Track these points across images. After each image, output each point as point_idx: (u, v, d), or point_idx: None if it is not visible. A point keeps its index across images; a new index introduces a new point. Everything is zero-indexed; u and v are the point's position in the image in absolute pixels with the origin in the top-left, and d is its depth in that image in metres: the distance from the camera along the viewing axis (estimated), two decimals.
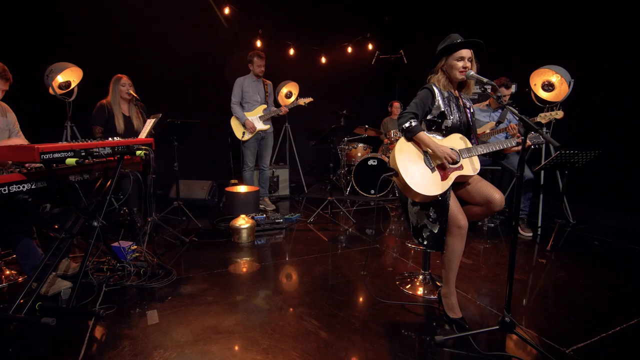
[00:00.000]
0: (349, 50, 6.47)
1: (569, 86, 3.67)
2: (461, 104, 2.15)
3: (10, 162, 1.94)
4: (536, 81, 3.95)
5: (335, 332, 1.96)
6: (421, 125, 2.10)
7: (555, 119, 3.09)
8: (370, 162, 5.18)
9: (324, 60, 6.38)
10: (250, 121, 4.32)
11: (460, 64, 2.03)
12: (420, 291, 2.41)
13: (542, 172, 3.83)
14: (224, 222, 3.97)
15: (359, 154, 5.65)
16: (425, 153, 2.03)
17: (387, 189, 5.23)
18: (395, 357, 1.75)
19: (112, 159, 2.37)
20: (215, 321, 2.03)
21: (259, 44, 5.65)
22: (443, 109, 2.08)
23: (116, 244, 2.77)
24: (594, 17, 4.36)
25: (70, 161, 1.91)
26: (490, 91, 2.99)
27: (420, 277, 2.52)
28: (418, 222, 2.12)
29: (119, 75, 3.55)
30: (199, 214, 4.21)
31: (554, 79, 3.81)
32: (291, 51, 6.07)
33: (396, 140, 5.29)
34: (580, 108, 4.13)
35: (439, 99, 2.08)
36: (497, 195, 1.98)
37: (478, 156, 2.08)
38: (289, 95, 5.67)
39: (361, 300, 2.34)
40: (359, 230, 3.79)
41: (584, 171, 3.53)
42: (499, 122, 3.45)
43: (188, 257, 3.01)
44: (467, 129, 2.16)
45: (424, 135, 1.99)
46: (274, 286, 2.52)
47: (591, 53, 4.36)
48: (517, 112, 1.73)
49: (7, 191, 1.78)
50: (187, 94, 5.51)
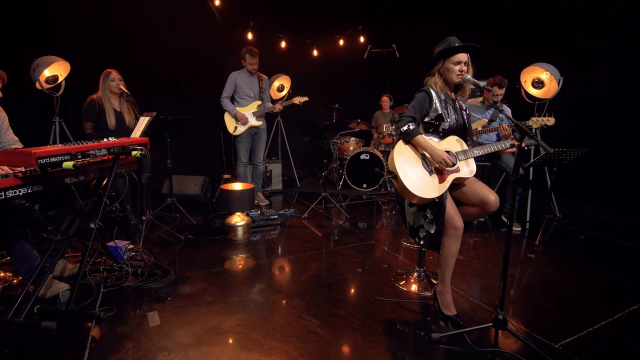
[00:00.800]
0: (341, 43, 6.43)
1: (558, 84, 3.75)
2: (457, 106, 2.19)
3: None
4: (526, 78, 4.02)
5: (335, 330, 2.01)
6: (419, 127, 2.14)
7: (547, 125, 3.16)
8: (363, 157, 5.21)
9: (315, 53, 6.33)
10: (241, 113, 4.29)
11: (457, 67, 2.06)
12: (415, 288, 2.48)
13: (531, 168, 3.93)
14: (218, 218, 3.97)
15: (351, 148, 5.68)
16: (423, 156, 2.07)
17: (379, 183, 5.28)
18: (394, 355, 1.81)
19: (107, 158, 2.35)
20: (216, 322, 2.06)
21: (250, 36, 5.57)
22: (440, 112, 2.11)
23: (112, 243, 2.76)
24: (583, 15, 4.43)
25: (68, 165, 1.89)
26: (485, 96, 3.03)
27: (415, 274, 2.59)
28: (415, 223, 2.17)
29: (108, 70, 3.48)
30: (192, 210, 4.20)
31: (544, 76, 3.88)
32: (283, 44, 6.00)
33: (388, 134, 5.34)
34: (567, 105, 4.22)
35: (436, 101, 2.11)
36: (492, 197, 2.04)
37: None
38: (280, 89, 5.64)
39: (358, 297, 2.39)
40: (352, 226, 3.85)
41: (571, 167, 3.63)
42: (491, 120, 3.51)
43: (184, 255, 3.02)
44: (463, 130, 2.20)
45: (422, 138, 2.03)
46: (272, 285, 2.56)
47: (576, 51, 4.44)
48: (512, 119, 1.77)
49: (3, 197, 1.76)
50: (178, 88, 5.42)
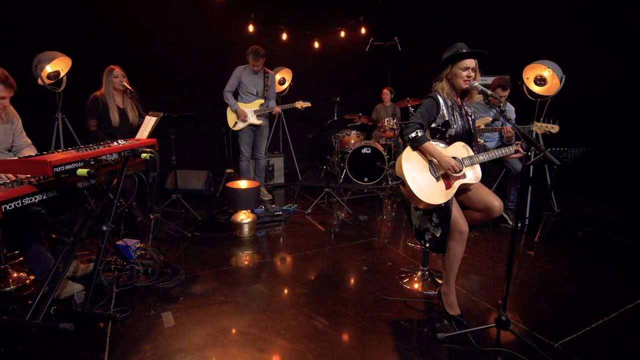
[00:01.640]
0: (342, 34, 6.38)
1: (560, 81, 3.78)
2: (464, 112, 2.23)
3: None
4: (529, 75, 4.04)
5: (344, 330, 2.09)
6: (426, 133, 2.18)
7: (550, 132, 3.17)
8: (364, 151, 5.25)
9: (317, 45, 6.28)
10: (242, 110, 4.28)
11: (465, 73, 2.09)
12: (420, 287, 2.56)
13: (532, 166, 3.99)
14: (222, 214, 4.02)
15: (352, 141, 5.71)
16: (430, 162, 2.12)
17: (380, 177, 5.34)
18: (402, 355, 1.89)
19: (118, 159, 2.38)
20: (229, 322, 2.13)
21: (251, 28, 5.51)
22: (447, 118, 2.15)
23: (121, 242, 2.81)
24: (586, 13, 4.43)
25: (82, 172, 1.92)
26: (492, 103, 3.01)
27: (419, 272, 2.67)
28: (421, 226, 2.23)
29: (111, 66, 3.45)
30: (196, 205, 4.25)
31: (546, 73, 3.91)
32: (284, 36, 5.95)
33: (390, 128, 5.37)
34: (567, 101, 4.25)
35: (444, 108, 2.15)
36: (496, 203, 2.10)
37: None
38: (282, 82, 5.63)
39: (365, 297, 2.46)
40: (355, 222, 3.91)
41: (571, 163, 3.69)
42: (494, 120, 3.55)
43: (192, 253, 3.07)
44: (468, 136, 2.24)
45: (430, 145, 2.07)
46: (280, 284, 2.62)
47: (576, 47, 4.45)
48: (519, 129, 1.81)
49: (20, 204, 1.79)
50: (178, 81, 5.38)
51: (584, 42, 4.45)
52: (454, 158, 2.12)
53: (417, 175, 2.06)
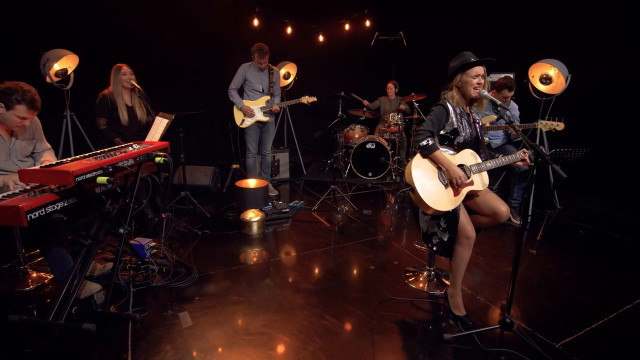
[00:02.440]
0: (347, 27, 6.34)
1: (566, 81, 3.80)
2: (472, 120, 2.27)
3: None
4: (534, 73, 4.06)
5: (355, 330, 2.18)
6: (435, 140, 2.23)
7: (556, 129, 3.22)
8: (369, 146, 5.29)
9: (321, 38, 6.26)
10: (247, 106, 4.30)
11: (475, 80, 2.14)
12: (425, 286, 2.65)
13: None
14: (230, 210, 4.10)
15: (357, 136, 5.75)
16: (439, 169, 2.17)
17: (384, 172, 5.39)
18: (410, 355, 1.99)
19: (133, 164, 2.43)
20: (244, 322, 2.22)
21: (256, 22, 5.48)
22: (456, 126, 2.19)
23: (135, 241, 2.88)
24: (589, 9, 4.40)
25: (102, 180, 1.98)
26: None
27: (425, 272, 2.75)
28: (428, 229, 2.31)
29: (118, 64, 3.45)
30: (203, 200, 4.33)
31: (552, 72, 3.92)
32: (289, 29, 5.92)
33: (394, 124, 5.40)
34: (571, 99, 4.27)
35: (453, 115, 2.19)
36: (503, 208, 2.16)
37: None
38: (287, 77, 5.63)
39: (373, 296, 2.54)
40: (361, 219, 3.99)
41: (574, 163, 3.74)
42: (499, 118, 3.58)
43: (203, 251, 3.16)
44: (476, 143, 2.29)
45: (440, 154, 2.12)
46: (292, 283, 2.71)
47: (578, 45, 4.44)
48: (528, 140, 1.86)
49: (44, 212, 1.86)
50: (183, 76, 5.39)
51: (587, 40, 4.44)
52: (462, 165, 2.18)
53: (426, 183, 2.12)
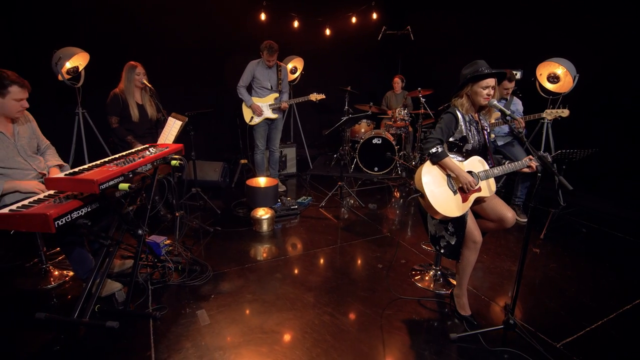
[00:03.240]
0: (354, 20, 6.31)
1: (573, 80, 3.82)
2: (480, 127, 2.32)
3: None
4: (542, 71, 4.08)
5: (365, 329, 2.28)
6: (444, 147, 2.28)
7: (561, 116, 3.27)
8: (375, 141, 5.34)
9: (328, 32, 6.24)
10: (256, 104, 4.35)
11: (485, 91, 2.18)
12: (432, 285, 2.74)
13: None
14: (240, 206, 4.19)
15: (363, 130, 5.79)
16: (448, 175, 2.24)
17: (390, 167, 5.45)
18: (418, 354, 2.09)
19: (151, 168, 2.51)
20: (259, 321, 2.33)
21: (263, 16, 5.47)
22: (465, 134, 2.25)
23: (150, 239, 2.98)
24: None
25: (124, 186, 2.06)
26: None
27: (432, 272, 2.85)
28: (436, 233, 2.39)
29: (132, 63, 3.47)
30: (213, 196, 4.42)
31: (560, 71, 3.94)
32: (295, 23, 5.90)
33: (401, 119, 5.43)
34: (576, 97, 4.29)
35: (462, 123, 2.24)
36: (509, 214, 2.23)
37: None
38: (294, 71, 5.64)
39: (382, 295, 2.64)
40: (368, 216, 4.07)
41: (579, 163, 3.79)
42: (506, 124, 3.61)
43: (216, 249, 3.26)
44: (484, 150, 2.35)
45: (450, 160, 2.19)
46: (302, 281, 2.81)
47: (582, 43, 4.43)
48: (536, 152, 1.92)
49: (70, 219, 1.94)
50: (190, 71, 5.41)
51: (591, 39, 4.42)
52: (470, 172, 2.24)
53: (435, 189, 2.19)
